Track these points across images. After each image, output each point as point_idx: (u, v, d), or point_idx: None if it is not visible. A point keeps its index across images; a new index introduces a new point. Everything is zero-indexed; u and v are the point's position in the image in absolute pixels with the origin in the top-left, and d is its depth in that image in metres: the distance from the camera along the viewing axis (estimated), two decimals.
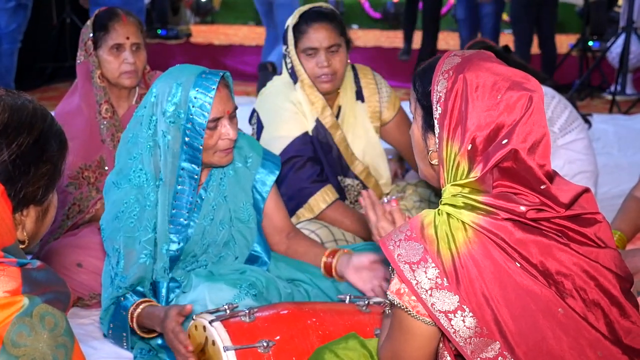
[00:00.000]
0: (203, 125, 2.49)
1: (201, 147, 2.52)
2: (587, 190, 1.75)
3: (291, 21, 3.29)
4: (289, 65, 3.30)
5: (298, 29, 3.26)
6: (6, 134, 1.42)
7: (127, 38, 3.29)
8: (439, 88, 1.74)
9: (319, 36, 3.23)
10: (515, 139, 1.66)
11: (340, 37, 3.28)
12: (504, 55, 3.48)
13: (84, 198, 3.26)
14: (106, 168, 3.31)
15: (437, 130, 1.74)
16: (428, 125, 1.79)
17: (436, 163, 1.78)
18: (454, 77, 1.72)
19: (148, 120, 2.56)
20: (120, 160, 2.62)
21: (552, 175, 1.72)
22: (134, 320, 2.50)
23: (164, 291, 2.60)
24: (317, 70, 3.24)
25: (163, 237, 2.57)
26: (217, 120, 2.52)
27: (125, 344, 2.65)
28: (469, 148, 1.68)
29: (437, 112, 1.74)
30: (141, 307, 2.50)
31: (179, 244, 2.63)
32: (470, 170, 1.69)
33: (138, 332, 2.52)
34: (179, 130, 2.51)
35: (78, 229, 3.26)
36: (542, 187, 1.67)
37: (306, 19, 3.26)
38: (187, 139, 2.52)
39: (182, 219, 2.63)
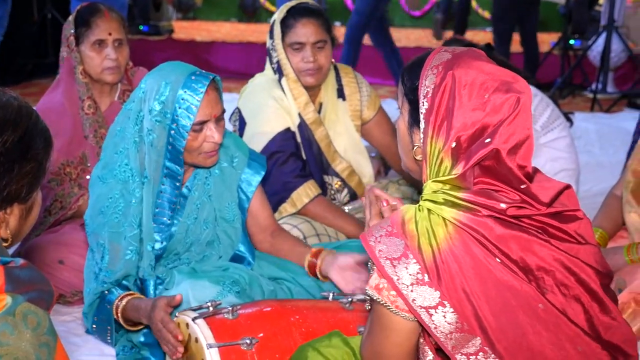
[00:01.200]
0: (187, 127, 2.48)
1: (182, 149, 2.51)
2: (568, 187, 1.77)
3: (278, 15, 3.31)
4: (275, 60, 3.31)
5: (285, 24, 3.28)
6: None
7: (110, 34, 3.28)
8: (427, 83, 1.73)
9: (306, 31, 3.25)
10: (498, 138, 1.66)
11: (326, 33, 3.30)
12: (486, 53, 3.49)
13: (65, 194, 3.25)
14: (89, 164, 3.29)
15: (422, 126, 1.74)
16: (414, 120, 1.79)
17: (420, 159, 1.78)
18: (442, 73, 1.72)
19: (135, 115, 2.55)
20: (106, 154, 2.61)
21: (532, 175, 1.73)
22: (119, 312, 2.50)
23: (151, 289, 2.59)
24: (303, 65, 3.26)
25: (148, 235, 2.57)
26: (202, 123, 2.51)
27: (109, 338, 2.65)
28: (453, 146, 1.69)
29: (423, 107, 1.73)
30: (126, 299, 2.50)
31: (162, 242, 2.62)
32: (452, 167, 1.70)
33: (123, 324, 2.51)
34: (164, 129, 2.50)
35: (60, 226, 3.25)
36: (523, 186, 1.68)
37: (294, 14, 3.28)
38: (171, 139, 2.50)
39: (165, 218, 2.62)
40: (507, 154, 1.67)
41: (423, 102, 1.74)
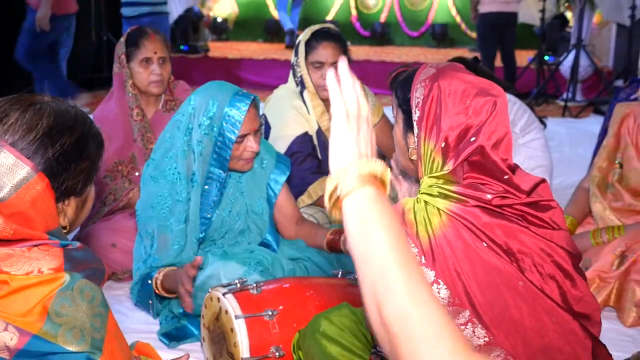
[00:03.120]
0: (232, 140, 2.47)
1: (229, 158, 2.50)
2: (543, 180, 1.75)
3: (303, 37, 3.30)
4: (298, 74, 3.30)
5: (309, 44, 3.27)
6: (51, 135, 1.40)
7: (155, 52, 3.26)
8: (417, 95, 1.73)
9: (326, 53, 3.24)
10: (482, 137, 1.65)
11: (343, 55, 3.27)
12: (472, 66, 3.48)
13: (118, 188, 3.25)
14: (137, 163, 3.28)
15: (416, 131, 1.73)
16: (408, 126, 1.78)
17: (415, 159, 1.76)
18: (430, 85, 1.71)
19: (185, 127, 2.52)
20: (157, 157, 2.59)
21: (513, 168, 1.71)
22: (158, 284, 2.49)
23: None
24: (321, 81, 3.25)
25: (194, 229, 2.55)
26: (244, 136, 2.50)
27: (151, 310, 2.65)
28: (443, 145, 1.68)
29: (415, 115, 1.73)
30: (162, 272, 2.49)
31: (201, 233, 2.60)
32: (444, 164, 1.68)
33: (162, 293, 2.50)
34: (211, 141, 2.49)
35: (113, 214, 3.25)
36: (506, 177, 1.67)
37: (317, 37, 3.27)
38: (217, 149, 2.49)
39: (207, 214, 2.60)
40: (491, 149, 1.65)
41: (415, 111, 1.73)
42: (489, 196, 1.64)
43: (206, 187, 2.55)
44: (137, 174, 3.28)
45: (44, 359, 1.27)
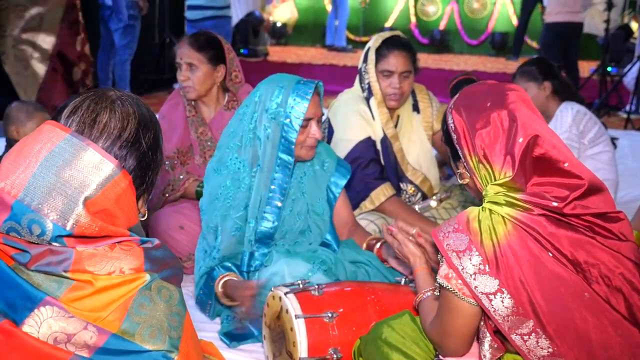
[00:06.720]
0: (299, 122, 2.52)
1: (294, 141, 2.53)
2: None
3: (373, 44, 3.30)
4: (366, 81, 3.31)
5: (380, 52, 3.27)
6: (138, 134, 1.41)
7: (181, 58, 3.33)
8: (450, 122, 1.80)
9: (397, 62, 3.24)
10: (523, 132, 1.67)
11: (412, 65, 3.30)
12: (556, 70, 3.72)
13: (176, 179, 3.32)
14: (193, 153, 3.34)
15: (460, 151, 1.77)
16: (456, 155, 1.82)
17: (467, 182, 1.80)
18: (455, 108, 1.79)
19: (250, 116, 2.60)
20: (220, 151, 2.66)
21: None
22: (219, 286, 2.54)
23: (246, 258, 2.60)
24: (389, 89, 3.26)
25: (253, 214, 2.59)
26: (308, 120, 2.55)
27: (208, 311, 2.68)
28: (482, 154, 1.71)
29: (455, 138, 1.78)
30: (226, 278, 2.54)
31: (273, 222, 2.63)
32: (492, 170, 1.71)
33: (222, 299, 2.54)
34: (278, 125, 2.54)
35: (178, 201, 3.32)
36: (566, 164, 1.67)
37: (388, 45, 3.27)
38: (284, 132, 2.54)
39: (277, 202, 2.62)
40: (540, 140, 1.67)
41: (453, 136, 1.79)
42: (554, 203, 1.63)
43: (276, 174, 2.59)
44: (192, 162, 3.35)
45: (122, 356, 1.29)
